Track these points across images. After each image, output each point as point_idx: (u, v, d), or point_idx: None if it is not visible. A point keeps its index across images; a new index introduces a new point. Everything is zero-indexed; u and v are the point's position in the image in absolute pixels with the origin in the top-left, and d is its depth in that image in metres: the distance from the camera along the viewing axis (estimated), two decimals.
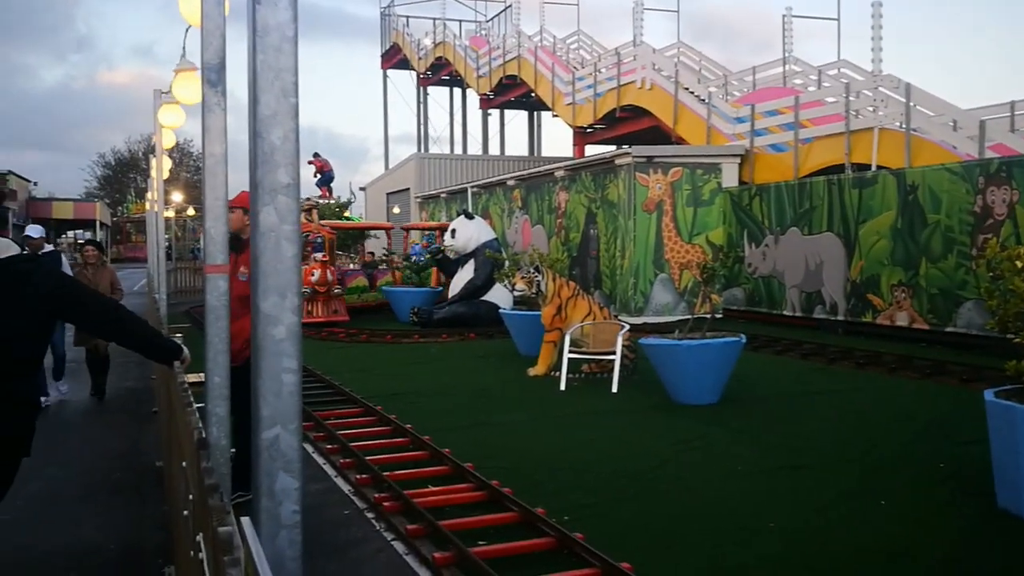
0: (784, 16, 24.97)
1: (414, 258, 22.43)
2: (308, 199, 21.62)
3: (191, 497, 2.51)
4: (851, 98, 16.46)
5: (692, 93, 22.32)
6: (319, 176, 32.69)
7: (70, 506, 5.95)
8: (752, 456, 7.03)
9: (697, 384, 9.07)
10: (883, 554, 4.86)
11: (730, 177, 18.31)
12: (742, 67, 25.70)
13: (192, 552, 2.29)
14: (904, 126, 15.17)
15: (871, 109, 16.58)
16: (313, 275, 17.24)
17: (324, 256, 17.97)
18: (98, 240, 10.48)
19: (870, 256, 14.58)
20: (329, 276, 17.79)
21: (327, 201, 30.74)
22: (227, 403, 2.67)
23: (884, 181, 14.33)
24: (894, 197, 14.09)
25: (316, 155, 33.13)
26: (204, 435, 2.51)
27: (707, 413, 8.72)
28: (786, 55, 24.53)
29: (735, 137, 19.39)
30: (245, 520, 1.36)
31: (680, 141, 21.57)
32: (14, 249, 3.33)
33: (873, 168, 15.21)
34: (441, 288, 20.41)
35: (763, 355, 12.78)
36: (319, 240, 18.09)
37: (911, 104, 14.98)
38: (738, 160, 18.42)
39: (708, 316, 9.62)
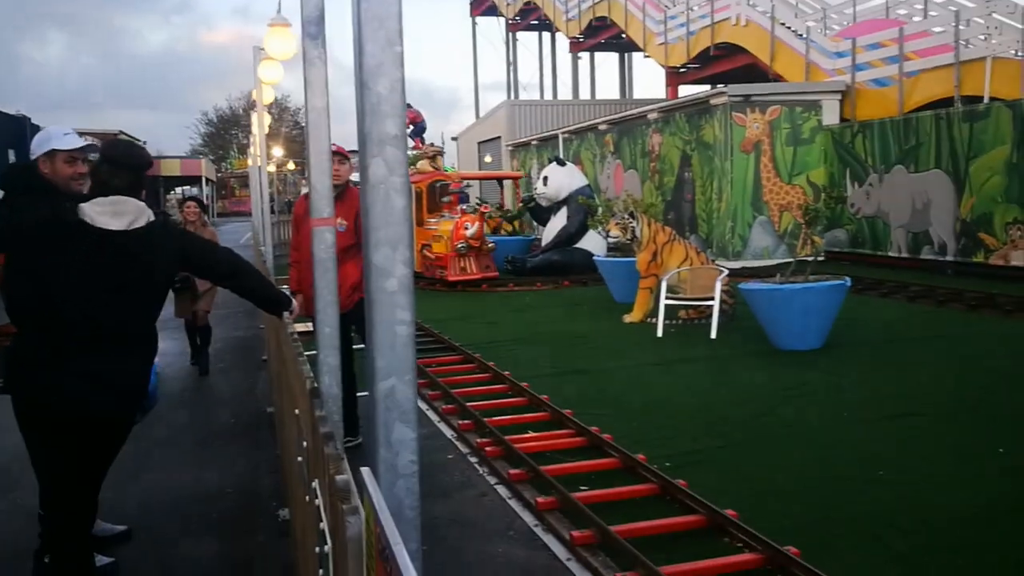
0: None
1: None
2: (432, 144, 19.90)
3: (305, 444, 2.58)
4: (961, 26, 15.60)
5: (789, 28, 21.53)
6: (411, 127, 32.82)
7: (191, 450, 6.21)
8: (859, 403, 6.86)
9: (800, 329, 8.86)
10: (1001, 508, 4.69)
11: (831, 114, 17.68)
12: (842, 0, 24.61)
13: (307, 498, 2.35)
14: (1020, 54, 14.31)
15: (983, 37, 15.67)
16: (467, 228, 15.46)
17: (484, 207, 16.93)
18: (199, 198, 10.72)
19: (982, 193, 13.93)
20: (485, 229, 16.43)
21: (419, 152, 30.91)
22: (337, 352, 2.72)
23: (997, 114, 13.60)
24: (1008, 130, 13.37)
25: (408, 106, 33.10)
26: (316, 384, 2.57)
27: (811, 359, 8.52)
28: None
29: (835, 73, 18.66)
30: (365, 470, 1.38)
31: (777, 78, 20.89)
32: (148, 211, 3.45)
33: (985, 100, 14.44)
34: (534, 236, 20.36)
35: (868, 298, 12.41)
36: (464, 189, 17.26)
37: None
38: (839, 97, 17.75)
39: (810, 259, 9.37)
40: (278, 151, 41.61)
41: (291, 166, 48.46)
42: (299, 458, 2.86)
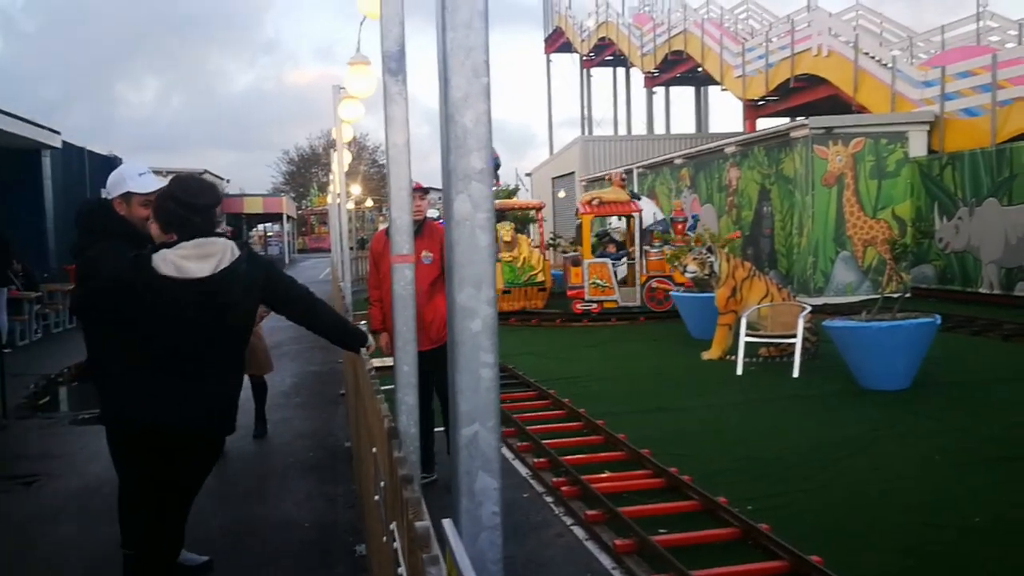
0: None
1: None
2: (612, 174, 18.14)
3: (383, 484, 2.53)
4: None
5: (873, 58, 21.12)
6: None
7: (271, 482, 6.25)
8: (950, 446, 6.55)
9: (887, 368, 8.55)
10: None
11: (918, 146, 17.21)
12: (929, 27, 24.10)
13: (384, 538, 2.30)
14: None
15: None
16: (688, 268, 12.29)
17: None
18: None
19: None
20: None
21: (494, 188, 31.12)
22: (416, 391, 2.67)
23: None
24: None
25: None
26: (394, 423, 2.52)
27: (899, 399, 8.21)
28: (980, 10, 22.73)
29: (922, 103, 18.19)
30: (447, 522, 1.32)
31: (861, 110, 20.47)
32: (232, 247, 3.46)
33: None
34: None
35: (958, 336, 11.94)
36: (693, 217, 16.99)
37: None
38: (927, 127, 17.28)
39: (897, 295, 9.07)
40: (356, 188, 42.38)
41: (369, 203, 49.29)
42: (376, 497, 2.82)
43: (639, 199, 18.29)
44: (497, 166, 33.49)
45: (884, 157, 17.13)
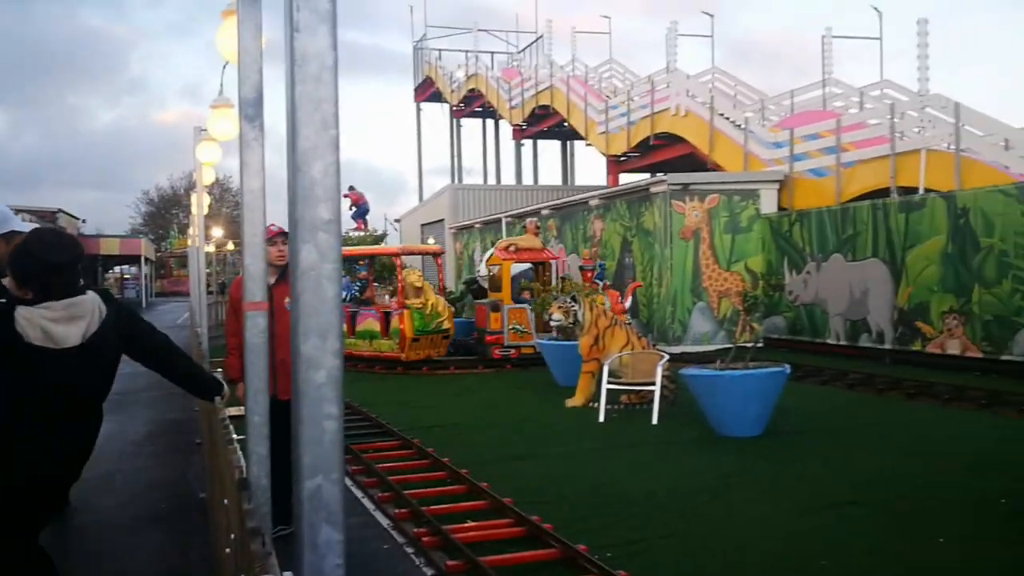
0: (823, 37, 24.80)
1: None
2: (528, 222, 18.27)
3: (233, 537, 2.45)
4: (896, 119, 16.22)
5: (728, 119, 22.20)
6: (354, 209, 32.94)
7: (120, 536, 5.95)
8: (800, 492, 6.83)
9: (740, 416, 8.88)
10: None
11: (769, 203, 18.13)
12: (779, 91, 25.52)
13: None
14: (953, 147, 14.85)
15: (917, 130, 16.33)
16: (627, 301, 15.80)
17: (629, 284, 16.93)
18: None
19: (919, 282, 14.29)
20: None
21: (362, 234, 30.95)
22: (267, 442, 2.61)
23: (933, 205, 14.07)
24: (944, 221, 13.80)
25: (351, 188, 33.43)
26: (245, 474, 2.45)
27: (751, 446, 8.52)
28: (826, 77, 24.28)
29: (773, 163, 19.23)
30: (287, 575, 1.29)
31: (716, 168, 21.45)
32: (99, 303, 3.33)
33: (920, 191, 14.93)
34: (473, 320, 20.24)
35: (807, 385, 12.53)
36: (599, 265, 17.10)
37: (960, 124, 14.70)
38: (777, 186, 18.24)
39: (750, 345, 9.45)
40: (218, 231, 41.30)
41: (231, 247, 48.11)
42: (227, 549, 2.73)
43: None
44: (365, 212, 33.33)
45: (737, 213, 17.95)
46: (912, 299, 14.40)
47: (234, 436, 3.51)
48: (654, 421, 9.82)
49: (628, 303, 15.82)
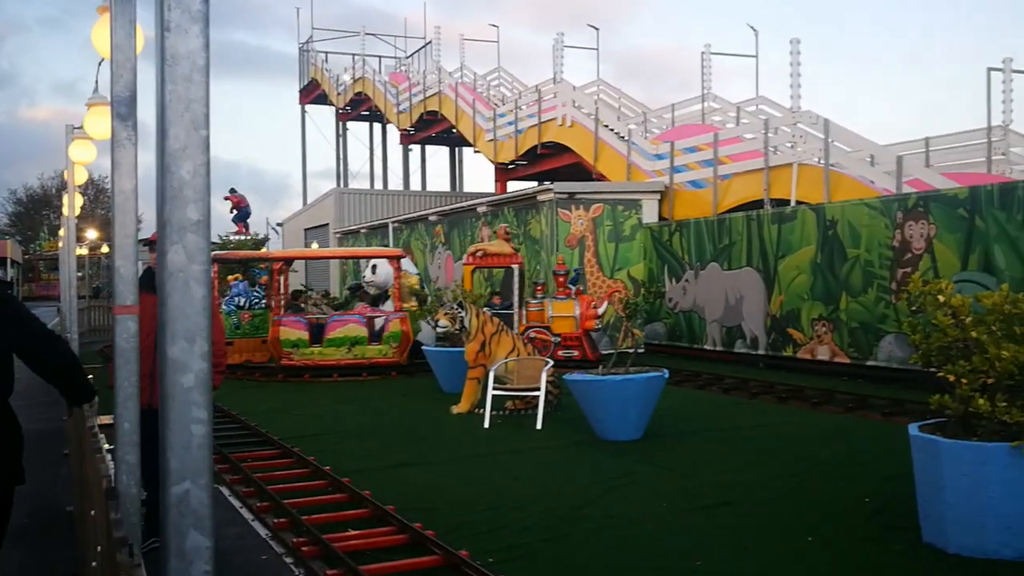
0: (703, 54, 25.57)
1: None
2: (498, 228, 17.65)
3: (99, 549, 2.37)
4: (770, 134, 16.87)
5: (612, 130, 22.65)
6: (235, 212, 32.21)
7: None
8: (678, 493, 7.02)
9: (622, 420, 9.07)
10: None
11: (650, 213, 18.57)
12: (662, 105, 26.18)
13: None
14: (823, 161, 15.55)
15: (789, 145, 17.01)
16: (600, 307, 15.87)
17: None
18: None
19: (790, 290, 14.88)
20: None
21: (243, 237, 30.26)
22: (137, 449, 2.53)
23: (803, 216, 14.68)
24: (813, 232, 14.41)
25: (232, 191, 32.67)
26: (113, 483, 2.38)
27: (632, 449, 8.71)
28: (705, 92, 25.07)
29: (655, 174, 19.71)
30: None
31: (601, 178, 21.85)
32: None
33: (792, 203, 15.57)
34: None
35: (685, 390, 12.90)
36: (574, 271, 16.50)
37: (829, 140, 15.40)
38: (658, 196, 18.70)
39: (631, 351, 9.66)
40: (92, 233, 39.67)
41: (105, 249, 46.32)
42: (93, 563, 2.63)
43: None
44: (247, 215, 32.58)
45: (621, 222, 18.33)
46: (784, 307, 14.99)
47: (104, 445, 3.40)
48: (538, 426, 9.93)
49: (603, 309, 15.94)
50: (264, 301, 17.58)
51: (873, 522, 6.09)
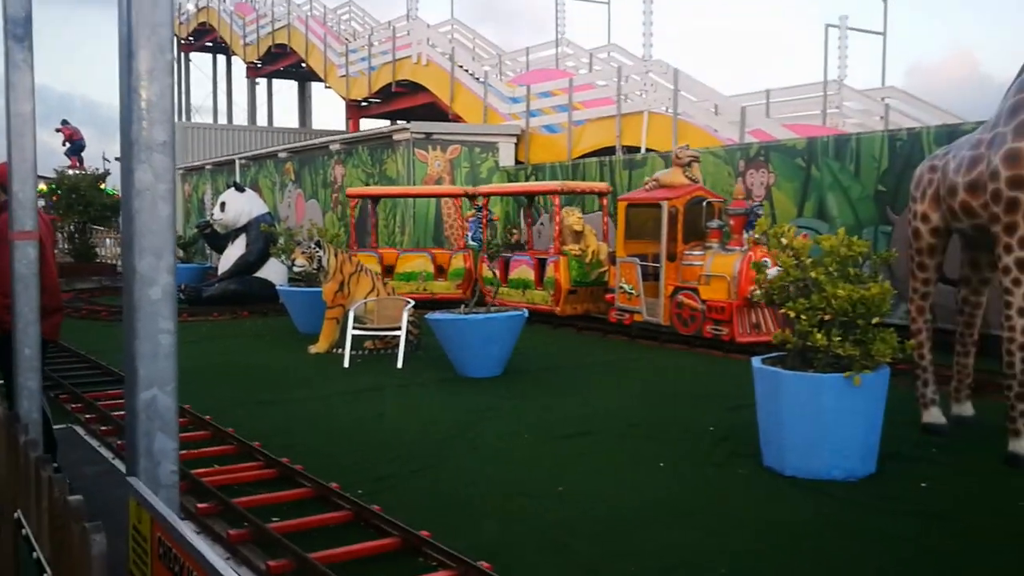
0: None
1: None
2: (685, 147, 12.68)
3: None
4: (621, 82, 17.28)
5: (467, 71, 22.61)
6: (68, 145, 30.46)
7: None
8: (539, 425, 7.33)
9: (483, 357, 9.31)
10: (665, 511, 5.26)
11: (507, 156, 18.76)
12: (516, 48, 26.27)
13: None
14: (671, 110, 16.10)
15: (640, 93, 17.49)
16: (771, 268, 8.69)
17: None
18: None
19: None
20: None
21: (78, 172, 28.68)
22: (38, 375, 2.51)
23: (653, 163, 15.16)
24: None
25: (65, 122, 30.85)
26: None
27: (494, 385, 8.98)
28: (559, 37, 25.27)
29: (511, 117, 19.86)
30: (133, 479, 1.32)
31: (457, 119, 21.84)
32: None
33: (642, 150, 16.07)
34: (208, 264, 19.54)
35: (542, 328, 13.27)
36: (755, 208, 11.57)
37: (678, 90, 15.93)
38: (514, 140, 18.89)
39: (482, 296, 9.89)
40: None
41: None
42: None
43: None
44: (81, 148, 30.88)
45: (478, 164, 18.45)
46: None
47: None
48: (399, 365, 10.05)
49: (774, 271, 9.97)
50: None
51: (719, 449, 6.57)
